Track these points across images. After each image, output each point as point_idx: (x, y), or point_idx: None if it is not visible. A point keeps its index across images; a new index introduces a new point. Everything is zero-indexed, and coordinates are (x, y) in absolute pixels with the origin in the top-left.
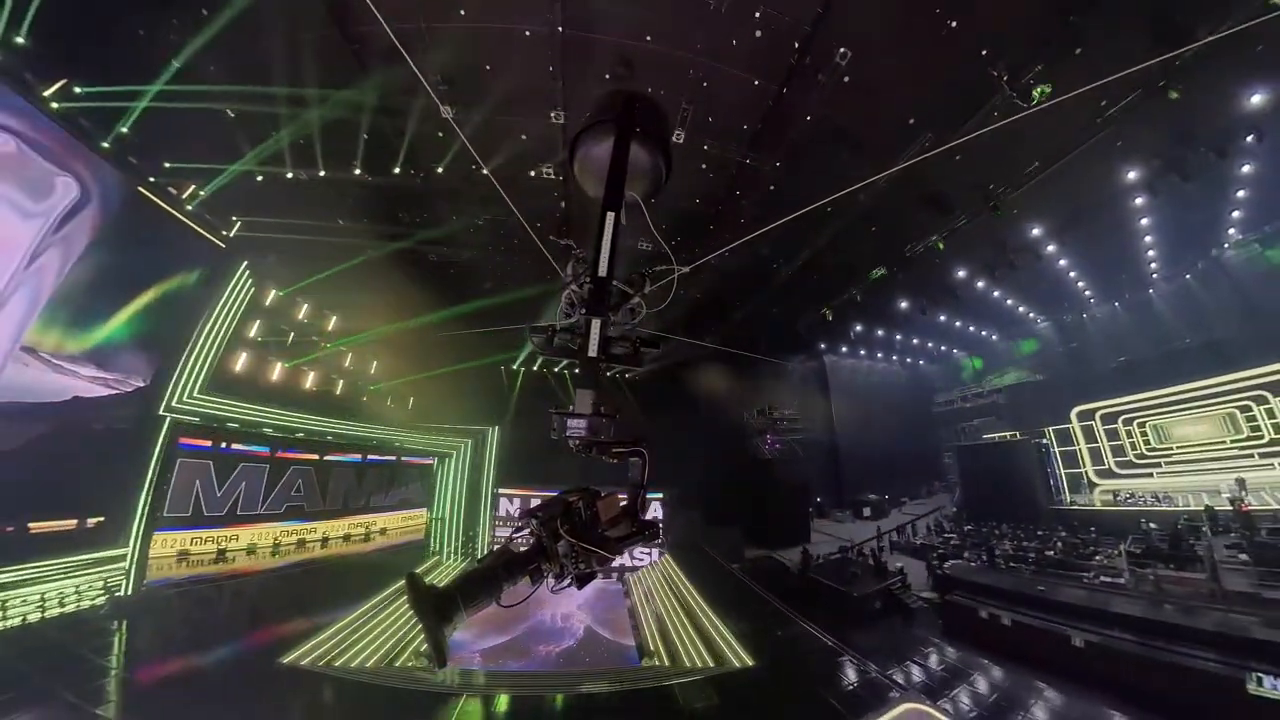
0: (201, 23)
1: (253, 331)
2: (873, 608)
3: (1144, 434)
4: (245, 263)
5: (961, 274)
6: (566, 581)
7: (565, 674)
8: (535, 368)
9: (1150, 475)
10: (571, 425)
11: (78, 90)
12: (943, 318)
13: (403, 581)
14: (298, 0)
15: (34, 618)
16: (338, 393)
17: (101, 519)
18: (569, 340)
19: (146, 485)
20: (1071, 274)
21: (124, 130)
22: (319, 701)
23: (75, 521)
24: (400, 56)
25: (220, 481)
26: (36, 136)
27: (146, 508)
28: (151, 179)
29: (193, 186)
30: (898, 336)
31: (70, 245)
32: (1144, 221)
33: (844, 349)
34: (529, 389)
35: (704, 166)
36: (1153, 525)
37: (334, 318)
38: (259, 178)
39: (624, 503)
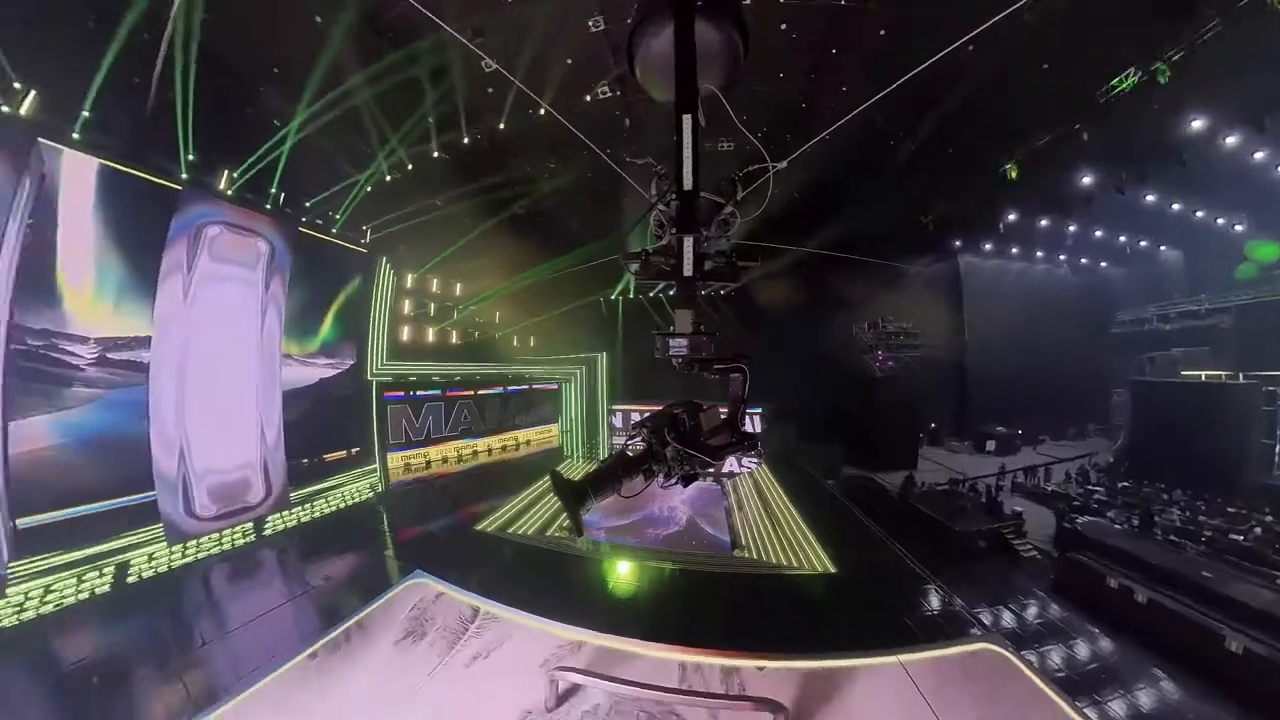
0: (292, 88)
1: (405, 309)
2: (975, 546)
3: None
4: (384, 259)
5: (1199, 124)
6: (673, 480)
7: (670, 552)
8: (633, 296)
9: None
10: (674, 345)
11: (235, 175)
12: (1151, 197)
13: (547, 477)
14: (331, 13)
15: (339, 507)
16: (476, 341)
17: (358, 449)
18: (663, 262)
19: (375, 425)
20: None
21: (273, 190)
22: (501, 554)
23: (345, 452)
24: (429, 29)
25: (415, 417)
26: (229, 219)
27: (379, 439)
28: (303, 219)
29: (330, 213)
30: (1071, 227)
31: (278, 287)
32: None
33: (987, 247)
34: (631, 315)
35: (785, 27)
36: None
37: (459, 284)
38: (368, 189)
39: (724, 415)
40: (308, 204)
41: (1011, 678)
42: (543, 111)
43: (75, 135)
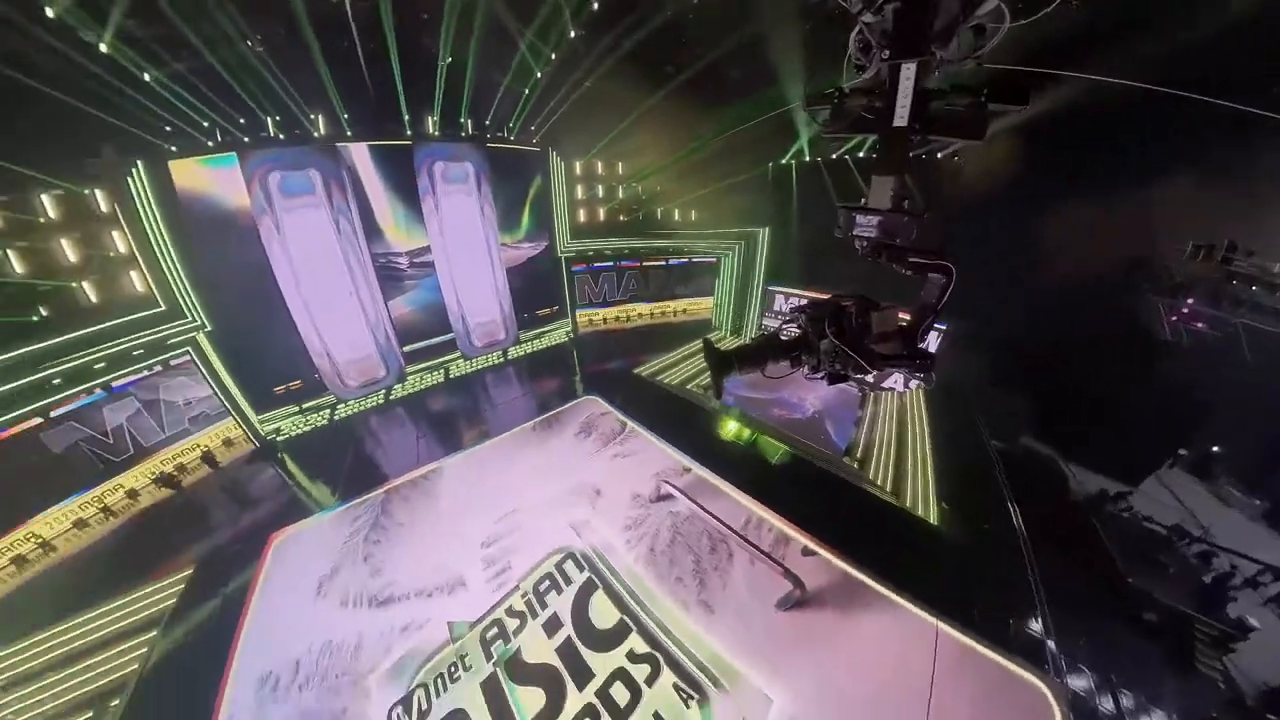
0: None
1: (579, 194)
2: (1139, 611)
3: None
4: (553, 152)
5: None
6: (819, 374)
7: (785, 434)
8: (808, 158)
9: None
10: (861, 223)
11: (435, 119)
12: None
13: (700, 341)
14: None
15: (546, 346)
16: (642, 218)
17: (556, 307)
18: (864, 106)
19: (566, 290)
20: None
21: (462, 120)
22: (650, 393)
23: (549, 309)
24: None
25: (594, 284)
26: (444, 153)
27: (570, 300)
28: (487, 136)
29: (507, 124)
30: None
31: (487, 194)
32: None
33: None
34: (804, 184)
35: None
36: None
37: (621, 164)
38: (525, 91)
39: (903, 322)
40: (487, 122)
41: None
42: None
43: (348, 133)
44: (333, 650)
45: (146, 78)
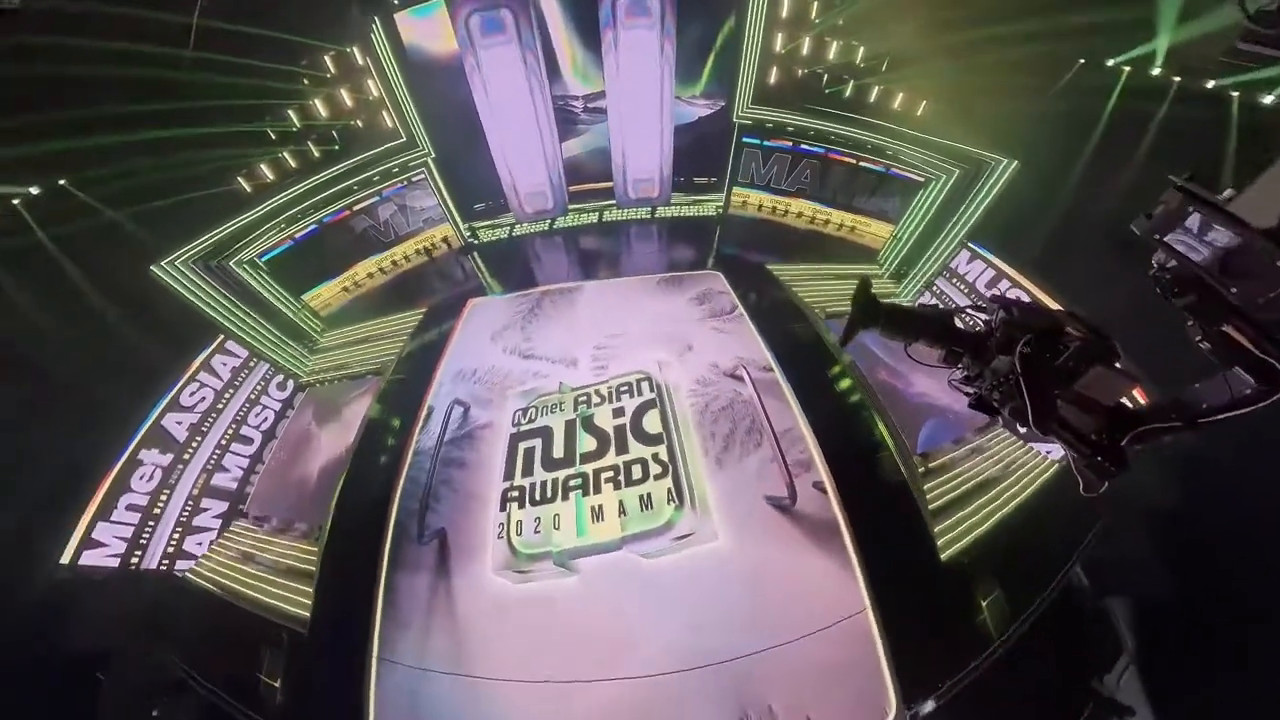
0: None
1: (777, 45)
2: None
3: None
4: None
5: None
6: (968, 388)
7: (875, 402)
8: (1158, 70)
9: None
10: (1190, 232)
11: None
12: None
13: (853, 269)
14: None
15: (702, 214)
16: (850, 94)
17: (715, 179)
18: None
19: (730, 163)
20: None
21: None
22: (772, 294)
23: (707, 179)
24: None
25: (763, 162)
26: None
27: (730, 175)
28: None
29: None
30: None
31: (669, 42)
32: None
33: None
34: (1118, 120)
35: None
36: None
37: (842, 13)
38: None
39: (1138, 404)
40: None
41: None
42: None
43: None
44: (493, 372)
45: None
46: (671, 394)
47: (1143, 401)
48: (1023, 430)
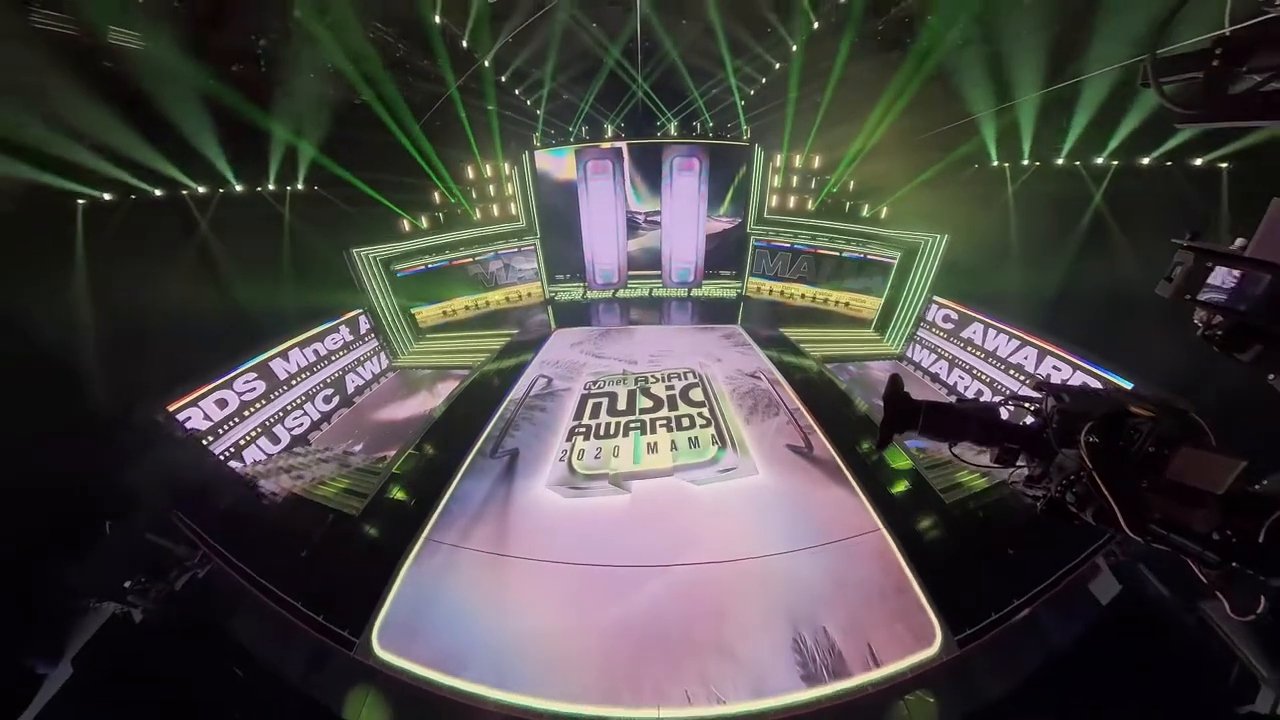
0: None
1: (776, 181)
2: None
3: None
4: (756, 146)
5: None
6: (1033, 490)
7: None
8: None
9: None
10: (1218, 298)
11: (673, 121)
12: None
13: (890, 378)
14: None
15: (720, 295)
16: (831, 207)
17: (735, 272)
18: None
19: (748, 260)
20: None
21: (695, 124)
22: (785, 347)
23: (730, 273)
24: None
25: (770, 259)
26: (680, 151)
27: (748, 269)
28: (710, 134)
29: (728, 124)
30: None
31: (704, 180)
32: None
33: None
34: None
35: None
36: None
37: (817, 156)
38: (741, 102)
39: (1234, 485)
40: (710, 123)
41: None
42: None
43: (609, 133)
44: (573, 363)
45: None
46: (711, 380)
47: (1239, 473)
48: (1116, 532)
